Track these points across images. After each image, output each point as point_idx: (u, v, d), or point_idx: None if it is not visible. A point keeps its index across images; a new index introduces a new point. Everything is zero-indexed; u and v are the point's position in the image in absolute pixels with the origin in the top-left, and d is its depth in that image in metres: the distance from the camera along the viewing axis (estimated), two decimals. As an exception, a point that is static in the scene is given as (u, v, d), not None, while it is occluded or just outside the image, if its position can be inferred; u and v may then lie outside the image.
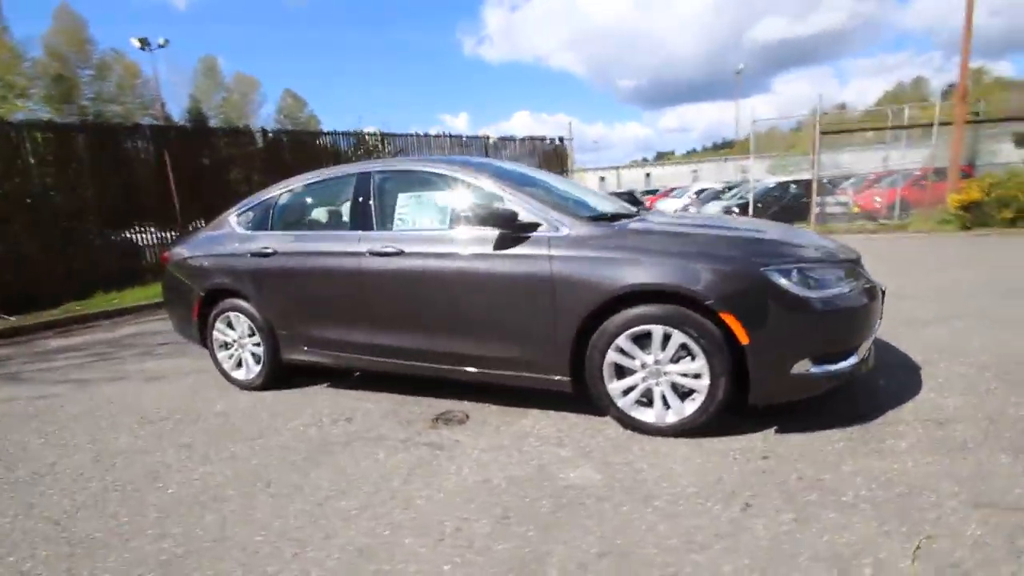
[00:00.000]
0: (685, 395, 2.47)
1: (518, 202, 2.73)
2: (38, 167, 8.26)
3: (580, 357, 2.60)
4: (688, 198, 20.14)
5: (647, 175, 47.30)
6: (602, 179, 44.96)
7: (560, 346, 2.59)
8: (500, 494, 2.14)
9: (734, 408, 2.44)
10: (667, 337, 2.40)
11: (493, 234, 2.71)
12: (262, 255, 3.40)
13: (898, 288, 4.99)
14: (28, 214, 7.85)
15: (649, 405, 2.53)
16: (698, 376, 2.39)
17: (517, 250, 2.65)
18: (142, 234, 9.32)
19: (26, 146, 8.12)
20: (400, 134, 13.06)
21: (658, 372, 2.46)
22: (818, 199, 13.45)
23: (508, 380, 2.82)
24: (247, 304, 3.50)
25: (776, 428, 2.49)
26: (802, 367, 2.31)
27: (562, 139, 16.72)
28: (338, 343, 3.22)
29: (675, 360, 2.43)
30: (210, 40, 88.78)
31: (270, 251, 3.37)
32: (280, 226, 3.54)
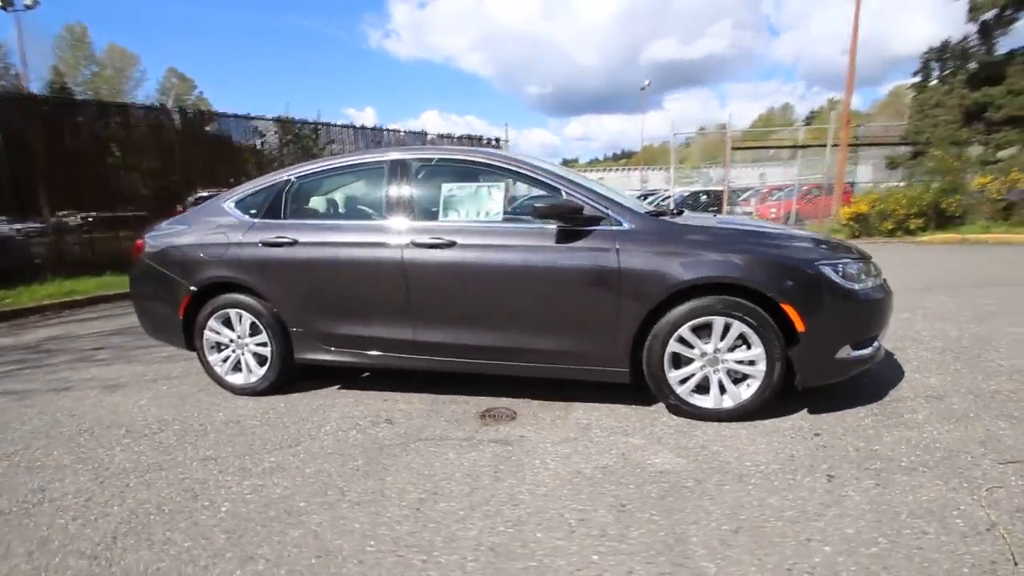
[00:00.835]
0: (737, 381, 2.65)
1: (580, 197, 2.76)
2: None
3: (637, 348, 2.69)
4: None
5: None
6: (515, 182, 45.66)
7: (622, 338, 2.66)
8: (601, 483, 2.16)
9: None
10: (727, 327, 2.57)
11: (553, 227, 2.71)
12: (277, 245, 3.09)
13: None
14: None
15: (705, 392, 2.68)
16: (753, 363, 2.58)
17: (581, 243, 2.67)
18: None
19: None
20: (336, 124, 12.35)
21: (716, 360, 2.62)
22: (727, 208, 14.89)
23: (560, 373, 2.83)
24: (252, 300, 3.16)
25: (807, 409, 2.76)
26: (844, 352, 2.59)
27: (499, 140, 17.00)
28: (371, 340, 3.01)
29: (731, 349, 2.61)
30: (83, 10, 76.73)
31: (288, 240, 3.07)
32: (297, 214, 3.24)
